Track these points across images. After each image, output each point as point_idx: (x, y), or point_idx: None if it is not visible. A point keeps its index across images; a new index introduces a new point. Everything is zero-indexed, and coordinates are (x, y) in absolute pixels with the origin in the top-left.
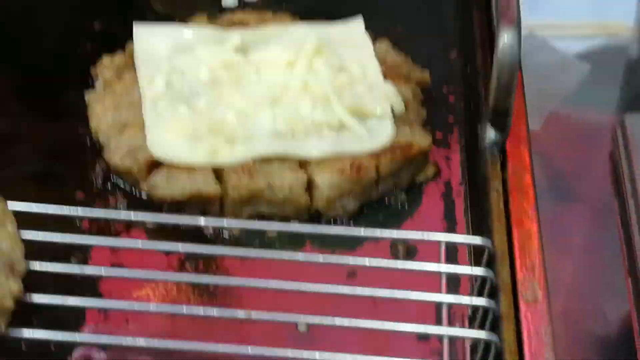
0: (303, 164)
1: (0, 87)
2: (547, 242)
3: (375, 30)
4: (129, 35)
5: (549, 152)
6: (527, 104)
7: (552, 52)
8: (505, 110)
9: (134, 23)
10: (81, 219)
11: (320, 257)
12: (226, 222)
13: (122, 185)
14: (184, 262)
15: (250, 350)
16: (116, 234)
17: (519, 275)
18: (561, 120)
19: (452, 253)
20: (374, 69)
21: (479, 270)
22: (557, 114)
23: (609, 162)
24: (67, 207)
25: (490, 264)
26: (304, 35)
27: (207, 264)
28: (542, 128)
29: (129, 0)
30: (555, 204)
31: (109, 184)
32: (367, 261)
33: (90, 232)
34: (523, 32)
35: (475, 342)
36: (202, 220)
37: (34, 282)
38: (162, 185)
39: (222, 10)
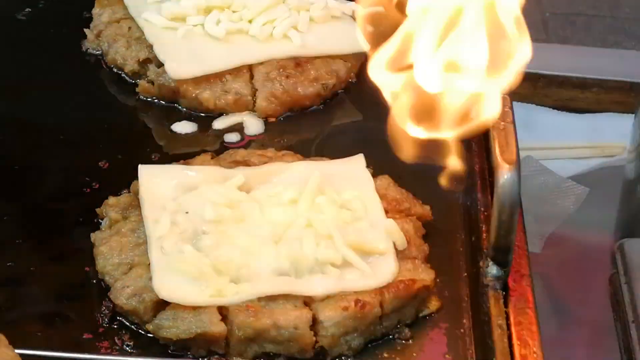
0: (307, 301)
1: (5, 227)
2: None
3: (375, 165)
4: (133, 174)
5: (549, 274)
6: (526, 226)
7: (550, 175)
8: (506, 247)
9: (139, 166)
10: None
11: None
12: None
13: (128, 325)
14: None
15: None
16: None
17: None
18: (560, 243)
19: None
20: (376, 206)
21: None
22: (556, 236)
23: (608, 286)
24: (75, 351)
25: None
26: (306, 173)
27: None
28: (541, 250)
29: (133, 139)
30: (556, 325)
31: (115, 323)
32: None
33: None
34: (520, 154)
35: None
36: None
37: None
38: (167, 326)
39: (225, 147)
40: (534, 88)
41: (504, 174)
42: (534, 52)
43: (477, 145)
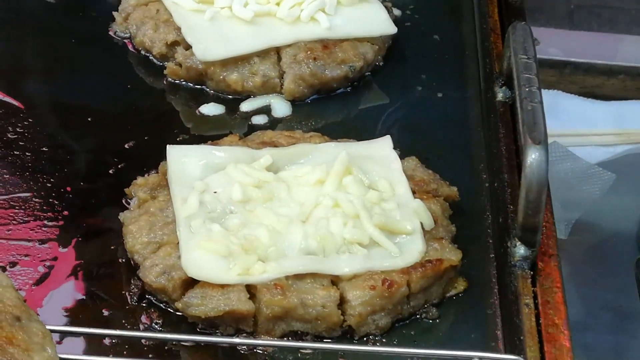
0: (335, 280)
1: (35, 208)
2: (576, 348)
3: (402, 148)
4: (161, 156)
5: (575, 260)
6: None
7: (576, 161)
8: (534, 226)
9: (168, 146)
10: (118, 338)
11: None
12: (261, 341)
13: (157, 303)
14: None
15: None
16: (153, 351)
17: None
18: (587, 229)
19: None
20: (403, 186)
21: None
22: (583, 222)
23: (634, 270)
24: (105, 327)
25: None
26: (333, 153)
27: None
28: (568, 236)
29: (161, 121)
30: (583, 311)
31: (144, 301)
32: None
33: (127, 350)
34: None
35: None
36: (236, 340)
37: None
38: (196, 304)
39: (253, 129)
40: (560, 75)
41: (532, 153)
42: (560, 39)
43: (505, 127)
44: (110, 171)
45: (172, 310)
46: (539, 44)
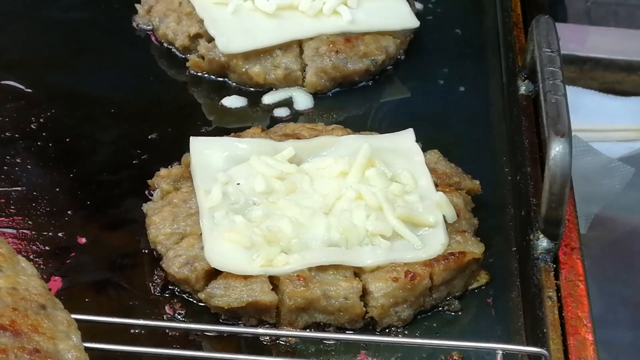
0: (358, 272)
1: (59, 198)
2: (598, 343)
3: (424, 141)
4: (183, 147)
5: (595, 255)
6: None
7: (596, 156)
8: (557, 219)
9: (191, 137)
10: (141, 328)
11: None
12: (283, 331)
13: (179, 294)
14: None
15: None
16: (175, 341)
17: None
18: (606, 224)
19: None
20: (426, 179)
21: None
22: (603, 217)
23: None
24: (127, 317)
25: None
26: (356, 146)
27: None
28: (588, 231)
29: (183, 113)
30: (603, 306)
31: (167, 292)
32: None
33: (149, 341)
34: None
35: None
36: (260, 330)
37: None
38: (219, 295)
39: (275, 121)
40: (580, 71)
41: (556, 146)
42: (579, 35)
43: (527, 120)
44: (134, 162)
45: (195, 301)
46: (559, 40)
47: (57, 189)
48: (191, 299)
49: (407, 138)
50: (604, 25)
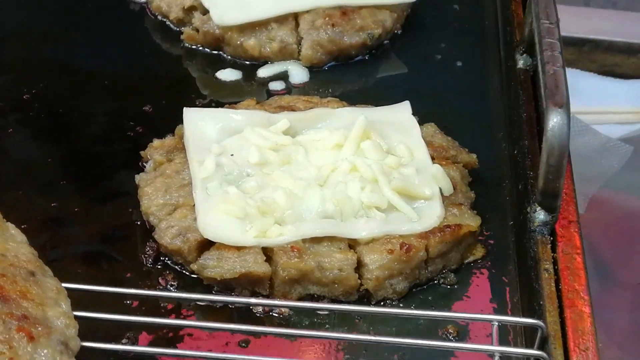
0: (352, 244)
1: (51, 170)
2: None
3: (421, 115)
4: (177, 120)
5: (592, 236)
6: None
7: (594, 135)
8: (555, 191)
9: (184, 109)
10: (132, 298)
11: (371, 338)
12: (277, 301)
13: (172, 265)
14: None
15: None
16: (167, 312)
17: (572, 357)
18: (604, 204)
19: (504, 335)
20: (422, 151)
21: (532, 352)
22: (600, 197)
23: None
24: (119, 288)
25: (544, 346)
26: (351, 118)
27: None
28: (585, 211)
29: (178, 86)
30: (599, 287)
31: (159, 264)
32: (421, 342)
33: (140, 311)
34: None
35: None
36: (252, 300)
37: None
38: (212, 266)
39: (270, 95)
40: (579, 53)
41: (554, 117)
42: (579, 17)
43: (525, 94)
44: (127, 134)
45: (187, 273)
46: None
47: (50, 160)
48: (184, 271)
49: (403, 111)
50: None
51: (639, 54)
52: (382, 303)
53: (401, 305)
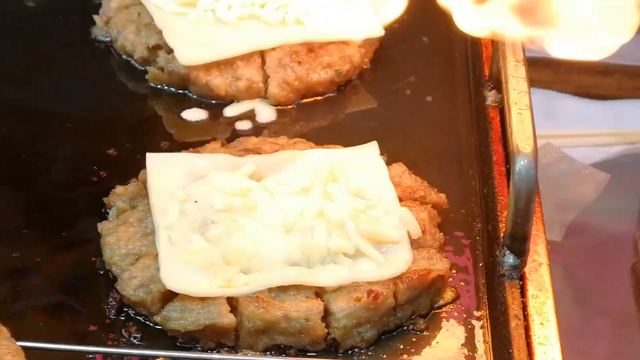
0: (319, 292)
1: (12, 217)
2: (570, 354)
3: (390, 153)
4: (142, 163)
5: (570, 263)
6: (546, 215)
7: (570, 162)
8: (523, 235)
9: (147, 154)
10: (94, 354)
11: None
12: (241, 356)
13: (135, 316)
14: None
15: None
16: None
17: None
18: (582, 231)
19: None
20: (390, 194)
21: None
22: (578, 224)
23: (630, 275)
24: (80, 344)
25: None
26: (318, 161)
27: None
28: (562, 238)
29: (143, 127)
30: (577, 315)
31: (122, 315)
32: None
33: None
34: (540, 142)
35: None
36: (216, 356)
37: None
38: (175, 317)
39: (237, 135)
40: (555, 74)
41: (521, 160)
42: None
43: (494, 132)
44: (91, 179)
45: (151, 324)
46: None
47: (12, 208)
48: (147, 322)
49: (370, 152)
50: None
51: (615, 74)
52: (350, 352)
53: (370, 353)
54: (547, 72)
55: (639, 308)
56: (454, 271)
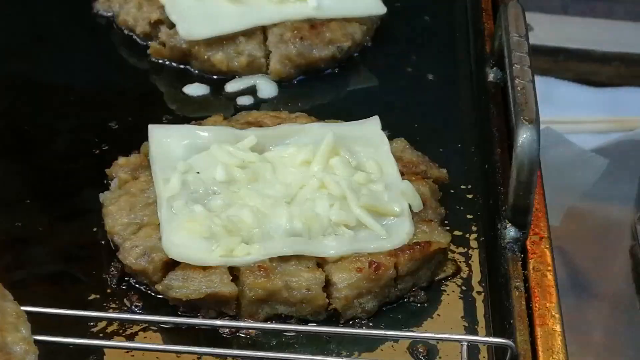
0: (320, 263)
1: (15, 188)
2: (568, 338)
3: (391, 129)
4: (144, 137)
5: (568, 248)
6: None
7: (569, 147)
8: (525, 208)
9: (149, 125)
10: (96, 320)
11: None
12: (243, 323)
13: (137, 286)
14: None
15: None
16: (132, 335)
17: None
18: (580, 216)
19: (474, 354)
20: (391, 167)
21: None
22: (576, 209)
23: (629, 259)
24: (82, 310)
25: None
26: (320, 134)
27: None
28: (561, 223)
29: (144, 101)
30: (575, 300)
31: (124, 284)
32: None
33: (104, 333)
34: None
35: None
36: (218, 322)
37: None
38: (177, 286)
39: (238, 110)
40: (554, 62)
41: (524, 132)
42: (553, 26)
43: (496, 108)
44: (93, 151)
45: (152, 293)
46: (532, 30)
47: (15, 179)
48: (149, 291)
49: (372, 126)
50: (580, 14)
51: (613, 62)
52: (351, 322)
53: (371, 324)
54: (545, 60)
55: (637, 290)
56: (454, 245)
